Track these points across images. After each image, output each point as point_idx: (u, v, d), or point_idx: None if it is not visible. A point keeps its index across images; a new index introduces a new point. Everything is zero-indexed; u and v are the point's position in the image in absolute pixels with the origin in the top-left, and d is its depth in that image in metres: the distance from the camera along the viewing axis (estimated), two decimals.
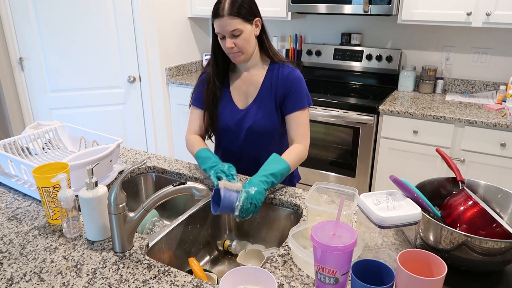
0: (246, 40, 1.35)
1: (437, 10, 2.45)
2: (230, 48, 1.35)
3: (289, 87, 1.41)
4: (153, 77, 3.17)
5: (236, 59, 1.39)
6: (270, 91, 1.43)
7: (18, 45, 2.80)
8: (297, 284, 0.93)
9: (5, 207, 1.27)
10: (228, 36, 1.33)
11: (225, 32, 1.33)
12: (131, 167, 1.00)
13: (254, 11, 1.36)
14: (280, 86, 1.42)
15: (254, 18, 1.36)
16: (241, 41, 1.34)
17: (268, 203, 1.35)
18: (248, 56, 1.40)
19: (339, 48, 3.09)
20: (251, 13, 1.34)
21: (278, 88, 1.42)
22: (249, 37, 1.35)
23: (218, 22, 1.32)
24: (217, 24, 1.33)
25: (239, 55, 1.38)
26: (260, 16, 1.39)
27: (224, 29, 1.32)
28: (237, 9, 1.30)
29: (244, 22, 1.33)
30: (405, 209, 0.91)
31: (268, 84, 1.44)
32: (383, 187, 2.63)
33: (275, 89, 1.43)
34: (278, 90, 1.43)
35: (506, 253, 0.86)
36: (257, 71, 1.46)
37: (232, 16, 1.30)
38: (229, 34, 1.33)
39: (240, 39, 1.33)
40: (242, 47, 1.35)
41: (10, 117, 2.90)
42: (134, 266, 0.98)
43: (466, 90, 2.80)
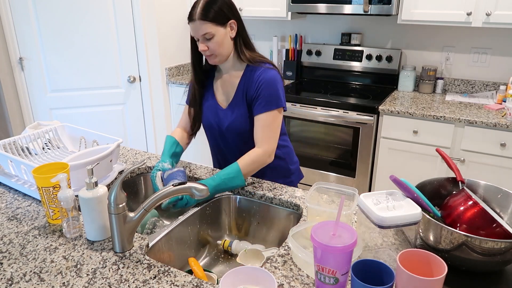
0: (218, 43, 1.36)
1: (437, 10, 2.45)
2: (203, 50, 1.38)
3: (258, 89, 1.41)
4: (153, 77, 3.17)
5: (211, 61, 1.42)
6: (244, 93, 1.45)
7: (18, 45, 2.80)
8: (297, 284, 0.93)
9: (5, 207, 1.27)
10: (201, 39, 1.36)
11: (198, 36, 1.36)
12: (131, 167, 1.00)
13: (228, 14, 1.36)
14: (250, 87, 1.43)
15: (228, 21, 1.36)
16: (213, 44, 1.36)
17: (268, 203, 1.35)
18: (222, 58, 1.42)
19: (339, 48, 3.09)
20: (224, 16, 1.35)
21: (249, 90, 1.43)
22: (222, 40, 1.37)
23: (191, 25, 1.35)
24: (191, 28, 1.36)
25: (213, 57, 1.40)
26: (236, 18, 1.39)
27: (196, 33, 1.35)
28: (208, 13, 1.32)
29: (216, 25, 1.34)
30: (405, 209, 0.91)
31: (242, 86, 1.45)
32: (383, 187, 2.63)
33: (247, 90, 1.44)
34: (248, 92, 1.43)
35: (506, 253, 0.86)
36: (235, 72, 1.47)
37: (202, 20, 1.32)
38: (202, 37, 1.35)
39: (212, 42, 1.35)
40: (214, 50, 1.37)
41: (10, 117, 2.90)
42: (134, 266, 0.98)
43: (466, 90, 2.80)
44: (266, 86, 1.40)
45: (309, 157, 2.83)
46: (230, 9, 1.38)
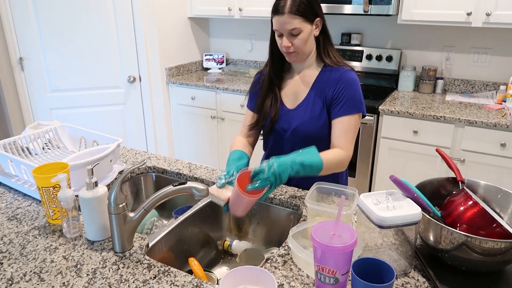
0: (304, 40, 1.28)
1: (437, 10, 2.45)
2: (287, 47, 1.29)
3: (339, 90, 1.31)
4: (153, 77, 3.17)
5: (291, 58, 1.34)
6: (320, 93, 1.35)
7: (18, 45, 2.80)
8: (297, 284, 0.93)
9: (5, 207, 1.27)
10: (286, 34, 1.27)
11: (284, 30, 1.27)
12: (131, 167, 1.00)
13: (316, 11, 1.29)
14: (329, 87, 1.33)
15: (316, 18, 1.29)
16: (299, 41, 1.28)
17: (268, 203, 1.35)
18: (303, 56, 1.34)
19: (339, 48, 3.09)
20: (313, 12, 1.27)
21: (328, 90, 1.33)
22: (308, 38, 1.29)
23: (278, 19, 1.26)
24: (276, 21, 1.27)
25: (294, 55, 1.32)
26: (322, 16, 1.31)
27: (283, 27, 1.26)
28: (298, 7, 1.24)
29: (305, 21, 1.26)
30: (405, 209, 0.91)
31: (318, 86, 1.36)
32: (383, 187, 2.63)
33: (325, 90, 1.34)
34: (327, 92, 1.33)
35: (506, 253, 0.86)
36: (310, 72, 1.39)
37: (292, 14, 1.23)
38: (288, 32, 1.27)
39: (298, 38, 1.27)
40: (298, 47, 1.29)
41: (10, 117, 2.90)
42: (134, 266, 0.98)
43: (466, 90, 2.80)
44: (349, 87, 1.31)
45: None
46: (318, 5, 1.30)
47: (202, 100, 3.18)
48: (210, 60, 3.58)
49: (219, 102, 3.11)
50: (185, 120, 3.33)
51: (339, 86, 1.31)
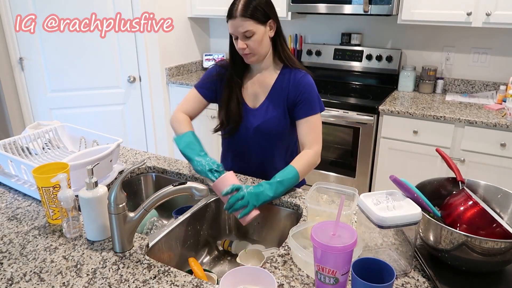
0: (258, 41, 1.34)
1: (437, 10, 2.45)
2: (242, 48, 1.35)
3: (300, 93, 1.40)
4: (153, 77, 3.17)
5: (248, 60, 1.40)
6: (280, 94, 1.43)
7: (18, 45, 2.80)
8: (297, 284, 0.93)
9: (5, 207, 1.27)
10: (240, 37, 1.34)
11: (237, 33, 1.33)
12: (131, 167, 1.00)
13: (269, 13, 1.35)
14: (291, 90, 1.42)
15: (268, 20, 1.35)
16: (253, 42, 1.34)
17: (268, 203, 1.35)
18: (260, 57, 1.40)
19: (339, 48, 3.09)
20: (265, 15, 1.33)
21: (289, 93, 1.42)
22: (261, 39, 1.35)
23: (231, 22, 1.33)
24: (230, 25, 1.34)
25: (251, 56, 1.38)
26: (275, 18, 1.38)
27: (236, 30, 1.33)
28: (250, 11, 1.30)
29: (257, 23, 1.32)
30: (405, 209, 0.91)
31: (279, 87, 1.44)
32: (383, 187, 2.63)
33: (286, 92, 1.42)
34: (289, 94, 1.42)
35: (506, 253, 0.86)
36: (269, 73, 1.46)
37: (244, 17, 1.30)
38: (241, 35, 1.33)
39: (251, 40, 1.33)
40: (253, 49, 1.35)
41: (10, 117, 2.90)
42: (134, 266, 0.98)
43: (466, 90, 2.80)
44: (309, 89, 1.41)
45: None
46: (270, 8, 1.36)
47: None
48: (210, 60, 3.58)
49: None
50: None
51: (299, 89, 1.41)
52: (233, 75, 1.48)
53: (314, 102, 1.42)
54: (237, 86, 1.48)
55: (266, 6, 1.34)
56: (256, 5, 1.31)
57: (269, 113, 1.44)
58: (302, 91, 1.40)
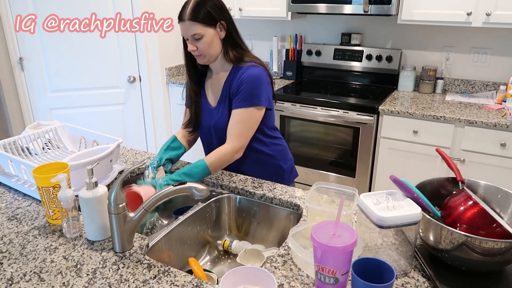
0: (207, 43, 1.37)
1: (437, 10, 2.45)
2: (192, 50, 1.39)
3: (239, 85, 1.41)
4: (153, 77, 3.17)
5: (200, 61, 1.44)
6: (227, 91, 1.46)
7: (18, 45, 2.80)
8: (297, 284, 0.93)
9: (5, 207, 1.27)
10: (190, 39, 1.37)
11: (187, 36, 1.37)
12: (131, 167, 1.00)
13: (217, 16, 1.37)
14: (233, 85, 1.44)
15: (217, 22, 1.37)
16: (202, 44, 1.37)
17: (268, 203, 1.35)
18: (211, 58, 1.43)
19: (339, 48, 3.09)
20: (213, 17, 1.35)
21: (232, 87, 1.44)
22: (211, 41, 1.37)
23: (181, 25, 1.37)
24: (181, 27, 1.37)
25: (202, 57, 1.42)
26: (226, 19, 1.39)
27: (186, 33, 1.37)
28: (198, 14, 1.33)
29: (205, 26, 1.35)
30: (405, 209, 0.91)
31: (228, 85, 1.46)
32: (383, 187, 2.63)
33: (230, 88, 1.45)
34: (231, 89, 1.44)
35: (506, 253, 0.86)
36: (223, 73, 1.49)
37: (192, 21, 1.33)
38: (191, 37, 1.37)
39: (201, 42, 1.36)
40: (203, 50, 1.38)
41: (10, 117, 2.90)
42: (134, 266, 0.98)
43: (466, 90, 2.80)
44: (247, 82, 1.40)
45: (309, 157, 2.83)
46: (220, 10, 1.38)
47: None
48: None
49: None
50: None
51: (239, 81, 1.41)
52: (189, 77, 1.54)
53: (249, 95, 1.40)
54: (191, 88, 1.54)
55: (215, 8, 1.36)
56: (204, 8, 1.33)
57: (221, 111, 1.48)
58: (240, 83, 1.40)
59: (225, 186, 1.42)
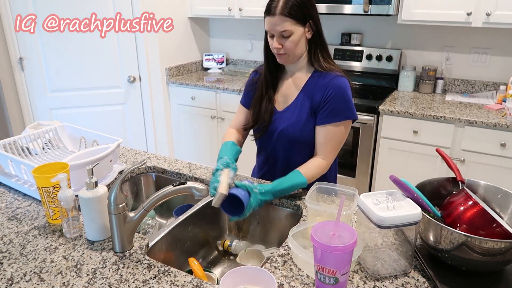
0: (295, 42, 1.27)
1: (437, 10, 2.45)
2: (277, 48, 1.28)
3: (325, 97, 1.30)
4: (153, 77, 3.17)
5: (281, 60, 1.33)
6: (308, 98, 1.34)
7: (18, 45, 2.80)
8: (297, 284, 0.93)
9: (5, 207, 1.27)
10: (277, 36, 1.27)
11: (274, 32, 1.26)
12: (131, 167, 1.00)
13: (310, 14, 1.27)
14: (317, 93, 1.32)
15: (308, 20, 1.27)
16: (289, 43, 1.26)
17: (268, 203, 1.35)
18: (294, 58, 1.33)
19: (339, 48, 3.09)
20: (306, 15, 1.26)
21: (315, 96, 1.32)
22: (298, 40, 1.27)
23: (269, 20, 1.25)
24: (268, 22, 1.26)
25: (285, 57, 1.31)
26: (316, 19, 1.29)
27: (273, 28, 1.26)
28: (290, 9, 1.22)
29: (296, 24, 1.25)
30: (405, 209, 0.91)
31: (307, 90, 1.35)
32: (383, 187, 2.63)
33: (313, 96, 1.33)
34: (314, 97, 1.32)
35: (506, 253, 0.86)
36: (301, 75, 1.37)
37: (284, 16, 1.23)
38: (278, 34, 1.26)
39: (289, 41, 1.26)
40: (289, 49, 1.28)
41: (10, 117, 2.90)
42: (134, 266, 0.98)
43: (466, 90, 2.80)
44: (335, 95, 1.29)
45: None
46: (312, 8, 1.28)
47: (202, 100, 3.18)
48: (210, 60, 3.58)
49: (219, 102, 3.11)
50: (185, 120, 3.33)
51: (326, 92, 1.30)
52: (266, 74, 1.40)
53: (339, 109, 1.30)
54: (270, 85, 1.41)
55: (308, 6, 1.26)
56: (297, 3, 1.23)
57: (294, 117, 1.36)
58: (328, 95, 1.29)
59: None
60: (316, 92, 1.32)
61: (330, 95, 1.29)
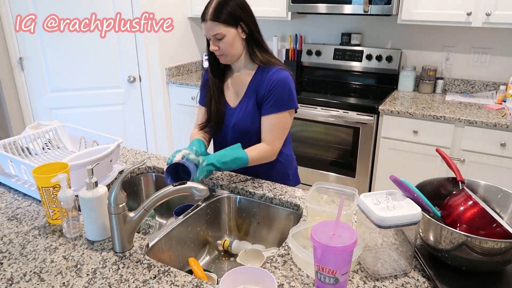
0: (229, 44, 1.38)
1: (437, 10, 2.45)
2: (214, 50, 1.40)
3: (270, 89, 1.41)
4: (153, 77, 3.17)
5: (221, 60, 1.44)
6: (253, 92, 1.45)
7: (18, 45, 2.80)
8: (297, 284, 0.93)
9: (5, 207, 1.27)
10: (212, 39, 1.38)
11: (209, 36, 1.38)
12: (131, 167, 1.00)
13: (240, 16, 1.37)
14: (261, 86, 1.43)
15: (239, 22, 1.38)
16: (224, 44, 1.37)
17: (268, 203, 1.35)
18: (233, 58, 1.43)
19: (339, 48, 3.09)
20: (236, 17, 1.36)
21: (259, 89, 1.43)
22: (232, 41, 1.38)
23: (203, 25, 1.38)
24: (203, 28, 1.39)
25: (224, 57, 1.42)
26: (249, 20, 1.41)
27: (207, 33, 1.38)
28: (220, 15, 1.34)
29: (227, 26, 1.36)
30: (405, 209, 0.91)
31: (252, 86, 1.46)
32: (383, 187, 2.63)
33: (257, 90, 1.44)
34: (259, 91, 1.43)
35: (506, 253, 0.86)
36: (246, 72, 1.48)
37: (214, 21, 1.34)
38: (213, 37, 1.37)
39: (222, 42, 1.37)
40: (225, 50, 1.39)
41: (10, 117, 2.90)
42: (134, 266, 0.98)
43: (466, 90, 2.80)
44: (278, 86, 1.40)
45: (309, 157, 2.83)
46: (242, 11, 1.39)
47: None
48: None
49: None
50: (185, 120, 3.32)
51: (269, 85, 1.41)
52: (211, 77, 1.52)
53: (282, 99, 1.41)
54: (215, 86, 1.52)
55: (238, 9, 1.37)
56: (226, 9, 1.34)
57: (244, 111, 1.47)
58: (271, 87, 1.40)
59: (225, 186, 1.42)
60: (260, 86, 1.44)
61: (273, 87, 1.40)
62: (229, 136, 1.52)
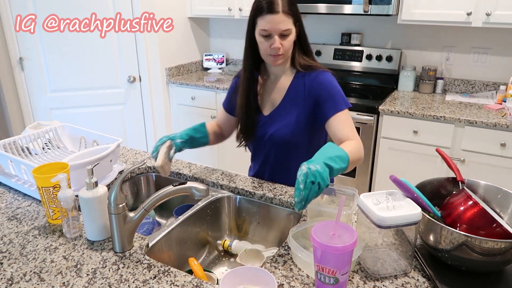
0: (291, 42, 1.24)
1: (437, 10, 2.45)
2: (277, 48, 1.21)
3: (319, 92, 1.27)
4: (153, 77, 3.17)
5: (277, 61, 1.27)
6: (296, 100, 1.32)
7: (18, 45, 2.80)
8: (297, 284, 0.93)
9: (5, 207, 1.27)
10: (278, 35, 1.20)
11: (276, 31, 1.19)
12: (131, 167, 1.00)
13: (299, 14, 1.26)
14: (307, 93, 1.29)
15: (299, 20, 1.26)
16: (288, 43, 1.23)
17: (268, 203, 1.35)
18: (287, 60, 1.30)
19: (339, 48, 3.09)
20: (298, 15, 1.24)
21: (306, 96, 1.29)
22: (292, 40, 1.25)
23: (270, 18, 1.18)
24: (268, 21, 1.18)
25: (281, 58, 1.26)
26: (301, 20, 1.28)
27: (275, 27, 1.19)
28: (292, 7, 1.20)
29: (293, 23, 1.23)
30: (405, 209, 0.91)
31: (293, 92, 1.32)
32: (383, 187, 2.63)
33: (303, 97, 1.30)
34: (305, 98, 1.29)
35: (506, 253, 0.86)
36: (285, 77, 1.35)
37: (287, 14, 1.18)
38: (280, 33, 1.20)
39: (287, 40, 1.22)
40: (287, 50, 1.24)
41: (10, 117, 2.90)
42: (134, 266, 0.98)
43: (466, 90, 2.80)
44: (329, 86, 1.27)
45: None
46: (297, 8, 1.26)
47: (202, 100, 3.18)
48: (210, 60, 3.58)
49: (219, 102, 3.11)
50: (185, 120, 3.33)
51: (317, 89, 1.28)
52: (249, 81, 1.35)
53: (339, 98, 1.28)
54: (252, 91, 1.36)
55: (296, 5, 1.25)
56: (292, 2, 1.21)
57: (283, 120, 1.33)
58: (321, 89, 1.27)
59: (225, 186, 1.42)
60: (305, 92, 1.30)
61: (323, 90, 1.27)
62: (265, 145, 1.39)
